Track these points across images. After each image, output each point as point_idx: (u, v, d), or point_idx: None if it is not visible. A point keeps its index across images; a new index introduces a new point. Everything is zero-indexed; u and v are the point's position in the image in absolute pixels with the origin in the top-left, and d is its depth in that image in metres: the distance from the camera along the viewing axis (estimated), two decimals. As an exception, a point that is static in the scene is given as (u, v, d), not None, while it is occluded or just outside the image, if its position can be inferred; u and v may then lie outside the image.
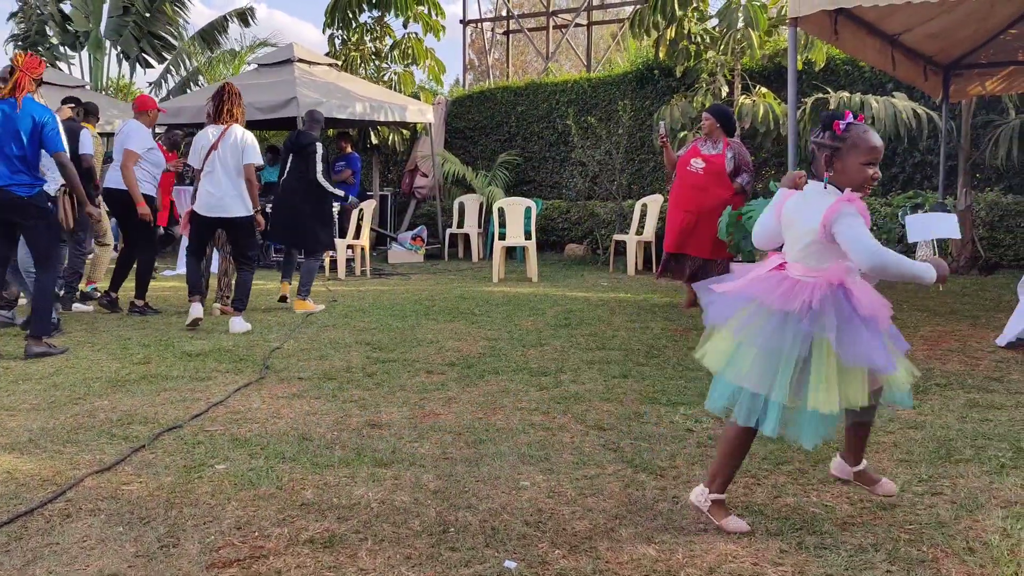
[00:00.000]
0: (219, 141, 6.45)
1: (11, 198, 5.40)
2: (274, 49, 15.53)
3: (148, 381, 4.72)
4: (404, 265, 12.03)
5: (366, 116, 11.89)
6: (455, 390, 4.47)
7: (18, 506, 2.87)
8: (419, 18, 14.34)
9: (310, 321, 6.81)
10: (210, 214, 6.49)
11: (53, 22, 18.37)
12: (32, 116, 5.41)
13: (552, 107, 13.96)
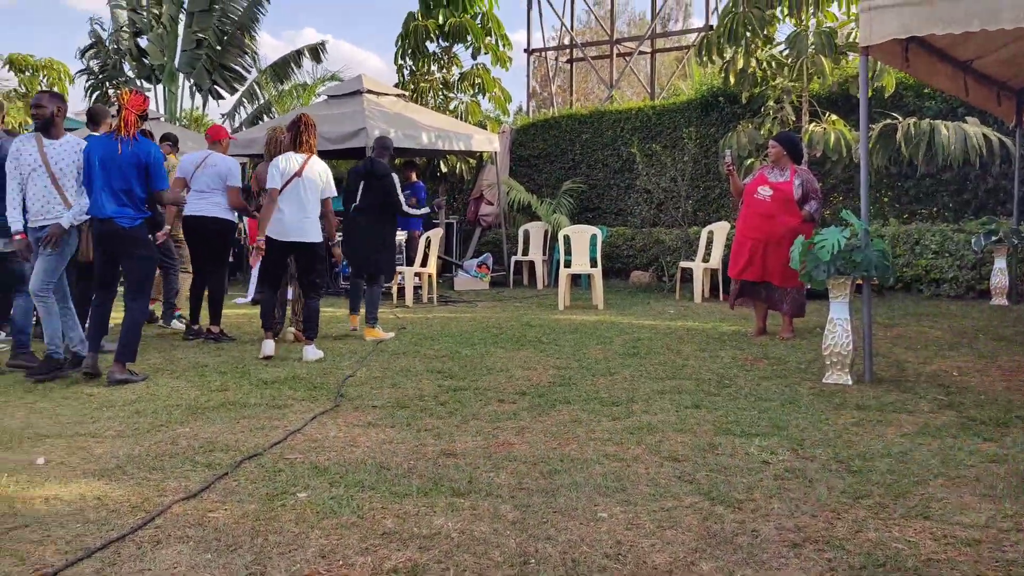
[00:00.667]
0: (303, 169, 6.61)
1: (115, 229, 5.64)
2: (343, 81, 15.88)
3: (227, 408, 4.84)
4: (470, 292, 12.12)
5: (433, 146, 12.07)
6: (527, 419, 4.48)
7: (110, 532, 2.96)
8: (488, 49, 14.56)
9: (381, 349, 6.91)
10: (285, 238, 6.61)
11: (130, 56, 19.12)
12: (139, 152, 5.66)
13: (616, 135, 13.98)
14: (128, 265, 5.80)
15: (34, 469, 3.68)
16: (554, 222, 12.88)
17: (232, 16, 18.90)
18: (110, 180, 5.64)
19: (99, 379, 5.65)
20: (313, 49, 19.25)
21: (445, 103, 14.91)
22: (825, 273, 5.42)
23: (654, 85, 19.15)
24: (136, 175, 5.67)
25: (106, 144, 5.71)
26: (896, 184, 11.17)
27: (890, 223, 10.50)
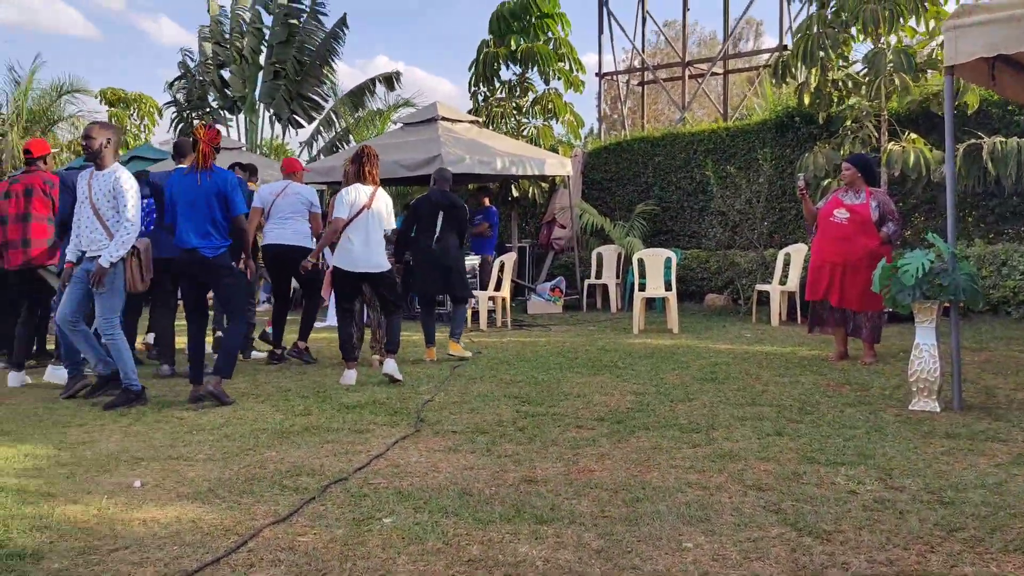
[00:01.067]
0: (372, 201, 6.77)
1: (201, 259, 5.88)
2: (417, 109, 16.17)
3: (311, 433, 4.95)
4: (543, 316, 12.15)
5: (507, 171, 12.18)
6: (607, 446, 4.48)
7: (205, 555, 3.06)
8: (560, 73, 14.67)
9: (458, 374, 6.98)
10: (355, 269, 6.76)
11: (214, 88, 19.83)
12: (218, 182, 5.89)
13: (690, 157, 13.90)
14: (218, 291, 6.04)
15: (131, 492, 3.82)
16: (627, 245, 12.85)
17: (310, 47, 19.45)
18: (192, 212, 5.87)
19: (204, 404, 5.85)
20: (388, 77, 19.66)
21: (518, 128, 15.05)
22: (911, 297, 5.29)
23: (727, 106, 19.00)
24: (217, 204, 5.89)
25: (186, 178, 5.97)
26: (981, 203, 10.83)
27: (975, 243, 10.18)
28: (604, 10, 18.47)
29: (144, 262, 5.92)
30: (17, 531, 3.28)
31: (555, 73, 14.62)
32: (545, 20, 14.75)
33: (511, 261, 11.02)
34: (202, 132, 5.97)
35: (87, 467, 4.23)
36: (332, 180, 12.17)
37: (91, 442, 4.77)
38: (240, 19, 19.61)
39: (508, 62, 14.72)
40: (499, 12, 14.90)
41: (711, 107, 29.23)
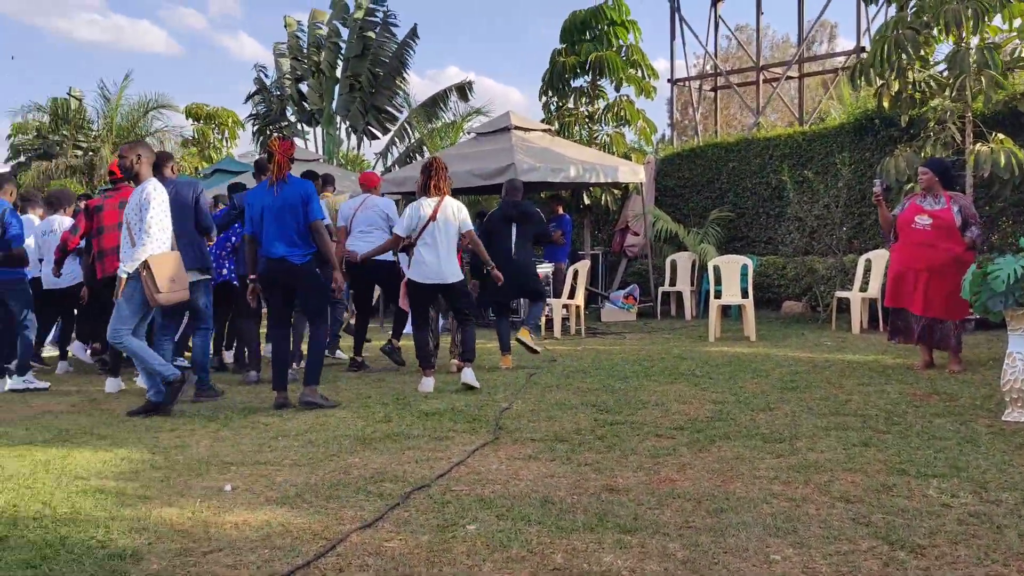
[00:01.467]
0: (436, 212, 6.83)
1: (289, 266, 6.05)
2: (490, 118, 16.30)
3: (392, 439, 5.02)
4: (617, 324, 12.10)
5: (580, 179, 12.19)
6: (687, 455, 4.44)
7: (295, 559, 3.13)
8: (631, 81, 14.63)
9: (534, 382, 7.00)
10: (428, 281, 6.85)
11: (292, 101, 20.32)
12: (297, 192, 6.05)
13: (765, 162, 13.68)
14: (304, 298, 6.19)
15: (223, 495, 3.94)
16: (702, 252, 12.71)
17: (383, 59, 19.78)
18: (275, 223, 6.04)
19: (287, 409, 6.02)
20: (460, 88, 19.87)
21: (590, 136, 15.05)
22: (1002, 304, 5.12)
23: (802, 110, 18.64)
24: (295, 214, 6.04)
25: (265, 191, 6.15)
26: (1075, 206, 10.41)
27: (1070, 248, 9.77)
28: (676, 16, 18.32)
29: (159, 276, 5.84)
30: (118, 532, 3.41)
31: (626, 80, 14.58)
32: (616, 28, 14.73)
33: (584, 269, 11.01)
34: (276, 144, 6.14)
35: (180, 471, 4.37)
36: (406, 191, 12.34)
37: (183, 446, 4.93)
38: (317, 34, 20.06)
39: (579, 70, 14.73)
40: (570, 21, 14.94)
41: (784, 111, 28.73)
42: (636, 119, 14.79)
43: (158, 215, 5.92)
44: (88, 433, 5.32)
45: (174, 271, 5.96)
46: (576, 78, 14.94)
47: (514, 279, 7.89)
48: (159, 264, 5.86)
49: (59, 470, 4.39)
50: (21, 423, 5.70)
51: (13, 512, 3.66)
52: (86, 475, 4.29)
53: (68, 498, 3.87)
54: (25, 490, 4.00)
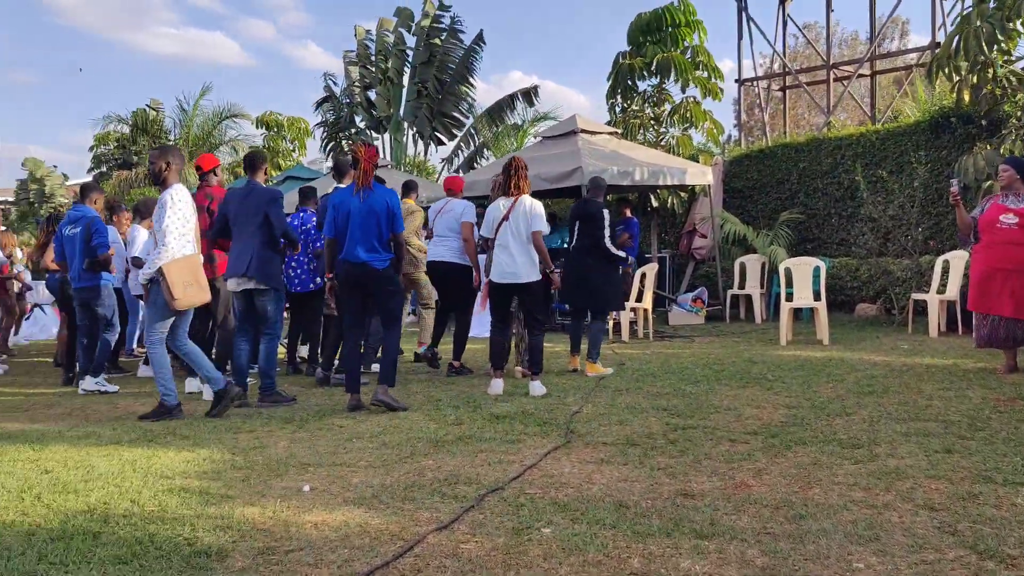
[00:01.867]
0: (510, 212, 6.85)
1: (369, 271, 6.14)
2: (556, 122, 16.32)
3: (464, 442, 5.06)
4: (685, 327, 11.99)
5: (647, 181, 12.11)
6: (763, 460, 4.38)
7: (374, 559, 3.18)
8: (697, 82, 14.49)
9: (603, 385, 6.98)
10: (504, 281, 6.90)
11: (361, 108, 20.64)
12: (382, 200, 6.15)
13: (836, 162, 13.41)
14: (381, 301, 6.27)
15: (302, 496, 4.02)
16: (772, 254, 12.52)
17: (450, 65, 19.96)
18: (358, 228, 6.12)
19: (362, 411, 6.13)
20: (526, 92, 19.94)
21: (657, 138, 14.95)
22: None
23: (874, 108, 18.23)
24: (377, 221, 6.12)
25: (349, 196, 6.22)
26: None
27: None
28: (743, 16, 18.09)
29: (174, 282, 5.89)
30: (203, 530, 3.51)
31: (692, 81, 14.44)
32: (682, 29, 14.61)
33: (652, 272, 10.93)
34: (362, 151, 6.21)
35: (260, 471, 4.48)
36: (472, 195, 12.41)
37: (261, 447, 5.05)
38: (385, 42, 20.34)
39: (645, 73, 14.65)
40: (636, 24, 14.88)
41: (855, 110, 28.11)
42: (703, 120, 14.65)
43: (174, 221, 5.94)
44: (171, 433, 5.49)
45: (190, 276, 5.99)
46: (642, 80, 14.85)
47: (572, 279, 7.83)
48: (175, 269, 5.90)
49: (145, 469, 4.53)
50: (108, 423, 5.90)
51: (104, 509, 3.80)
52: (171, 474, 4.43)
53: (155, 496, 4.00)
54: (114, 488, 4.14)
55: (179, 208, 5.99)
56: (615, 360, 8.46)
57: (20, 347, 11.50)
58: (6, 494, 4.07)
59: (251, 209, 6.55)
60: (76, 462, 4.72)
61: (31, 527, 3.56)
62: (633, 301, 10.76)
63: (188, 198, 6.12)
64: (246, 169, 6.77)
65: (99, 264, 7.50)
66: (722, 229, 13.55)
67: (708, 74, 14.75)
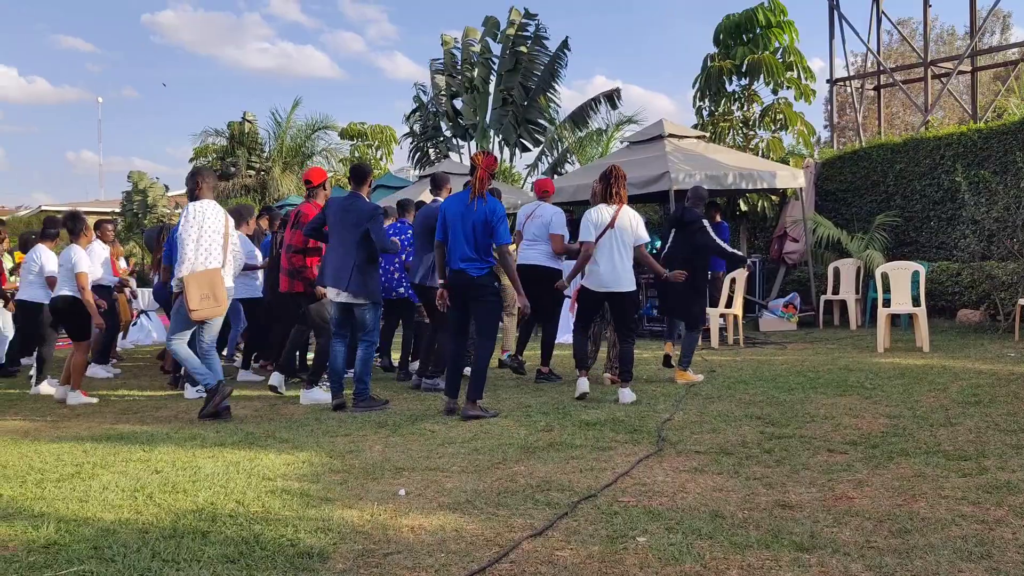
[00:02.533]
0: (615, 220, 6.83)
1: (467, 279, 6.21)
2: (642, 127, 16.21)
3: (555, 448, 5.08)
4: (776, 333, 11.74)
5: (736, 185, 11.93)
6: (863, 472, 4.26)
7: (471, 564, 3.22)
8: (790, 83, 14.20)
9: (694, 392, 6.90)
10: (601, 289, 6.87)
11: (447, 117, 20.90)
12: (487, 210, 6.19)
13: (936, 162, 12.94)
14: (477, 309, 6.31)
15: (398, 500, 4.10)
16: (867, 258, 12.16)
17: (535, 73, 20.04)
18: (462, 235, 6.20)
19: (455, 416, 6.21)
20: (609, 96, 19.86)
21: (746, 141, 14.70)
22: None
23: (975, 106, 17.53)
24: (484, 231, 6.18)
25: (461, 203, 6.28)
26: None
27: None
28: (835, 14, 17.65)
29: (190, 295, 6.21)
30: (304, 532, 3.61)
31: (784, 83, 14.16)
32: (772, 30, 14.34)
33: (742, 277, 10.75)
34: (480, 159, 6.28)
35: (356, 474, 4.58)
36: (561, 201, 12.43)
37: (357, 451, 5.16)
38: (471, 50, 20.55)
39: (734, 75, 14.42)
40: (723, 25, 14.67)
41: (953, 108, 27.08)
42: (794, 122, 14.34)
43: (185, 236, 6.32)
44: (271, 436, 5.66)
45: (208, 288, 6.26)
46: (730, 82, 14.63)
47: (667, 291, 7.78)
48: (192, 283, 6.24)
49: (248, 471, 4.69)
50: (212, 426, 6.12)
51: (212, 510, 3.95)
52: (272, 476, 4.57)
53: (259, 498, 4.14)
54: (220, 489, 4.30)
55: (192, 221, 6.32)
56: (705, 367, 8.35)
57: (126, 351, 12.03)
58: (121, 493, 4.26)
59: (352, 222, 6.64)
60: (184, 463, 4.91)
61: (144, 525, 3.73)
62: (723, 307, 10.60)
63: (212, 212, 6.42)
64: (351, 181, 6.90)
65: None
66: (814, 233, 13.22)
67: (800, 75, 14.43)
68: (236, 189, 22.31)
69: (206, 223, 6.36)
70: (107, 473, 4.72)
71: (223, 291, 6.38)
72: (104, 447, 5.42)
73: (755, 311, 12.96)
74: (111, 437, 5.77)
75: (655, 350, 9.31)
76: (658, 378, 7.84)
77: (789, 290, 13.50)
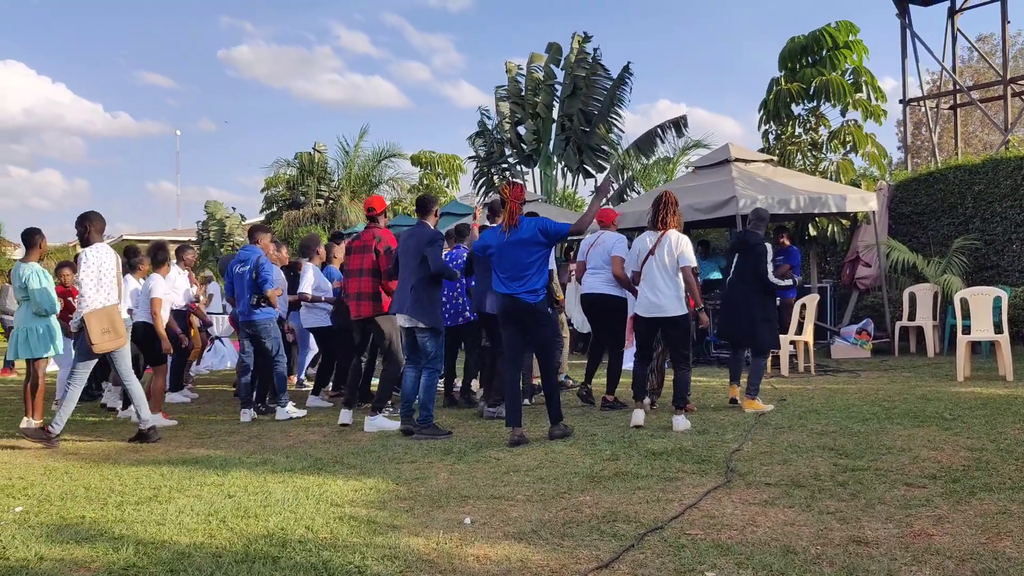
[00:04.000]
0: (656, 247, 6.82)
1: (521, 305, 6.28)
2: (708, 151, 16.08)
3: (621, 478, 5.02)
4: (849, 361, 11.45)
5: (804, 210, 11.73)
6: (944, 507, 4.11)
7: (537, 593, 3.20)
8: (858, 104, 13.93)
9: (764, 422, 6.76)
10: (649, 314, 6.86)
11: (510, 144, 21.04)
12: (529, 229, 6.29)
13: (1017, 183, 12.53)
14: (533, 334, 6.38)
15: (463, 528, 4.10)
16: (945, 283, 11.80)
17: (596, 99, 20.06)
18: (505, 264, 6.32)
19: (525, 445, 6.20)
20: (676, 123, 19.77)
21: (814, 164, 14.45)
22: None
23: (1059, 124, 16.94)
24: (526, 255, 6.25)
25: (492, 236, 6.48)
26: None
27: None
28: (907, 32, 17.29)
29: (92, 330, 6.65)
30: (372, 559, 3.64)
31: (854, 104, 13.89)
32: (840, 51, 14.11)
33: (813, 303, 10.53)
34: (507, 191, 6.39)
35: (422, 502, 4.60)
36: (623, 227, 12.38)
37: (423, 478, 5.18)
38: (534, 77, 20.69)
39: (802, 98, 14.21)
40: (790, 48, 14.49)
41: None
42: (865, 144, 14.04)
43: (87, 276, 6.69)
44: (339, 462, 5.73)
45: (108, 323, 6.71)
46: (796, 105, 14.42)
47: (727, 312, 7.72)
48: (92, 319, 6.67)
49: (317, 497, 4.75)
50: (282, 451, 6.23)
51: (282, 535, 4.01)
52: (340, 502, 4.62)
53: (327, 524, 4.19)
54: (290, 514, 4.36)
55: (91, 264, 6.72)
56: (775, 396, 8.18)
57: (200, 376, 12.33)
58: (195, 517, 4.36)
59: (412, 249, 6.83)
60: (255, 488, 5.01)
61: (217, 549, 3.80)
62: (793, 334, 10.39)
63: (104, 255, 6.84)
64: (417, 212, 7.06)
65: (266, 300, 7.96)
66: (888, 258, 12.89)
67: (869, 95, 14.14)
68: (306, 218, 22.80)
69: (103, 266, 6.82)
70: (183, 497, 4.84)
71: (121, 325, 6.85)
72: (180, 471, 5.56)
73: (826, 338, 12.66)
74: (187, 461, 5.92)
75: (723, 377, 9.15)
76: (726, 406, 7.71)
77: (862, 316, 13.17)
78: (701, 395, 8.34)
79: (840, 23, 14.18)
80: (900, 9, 17.35)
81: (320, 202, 24.45)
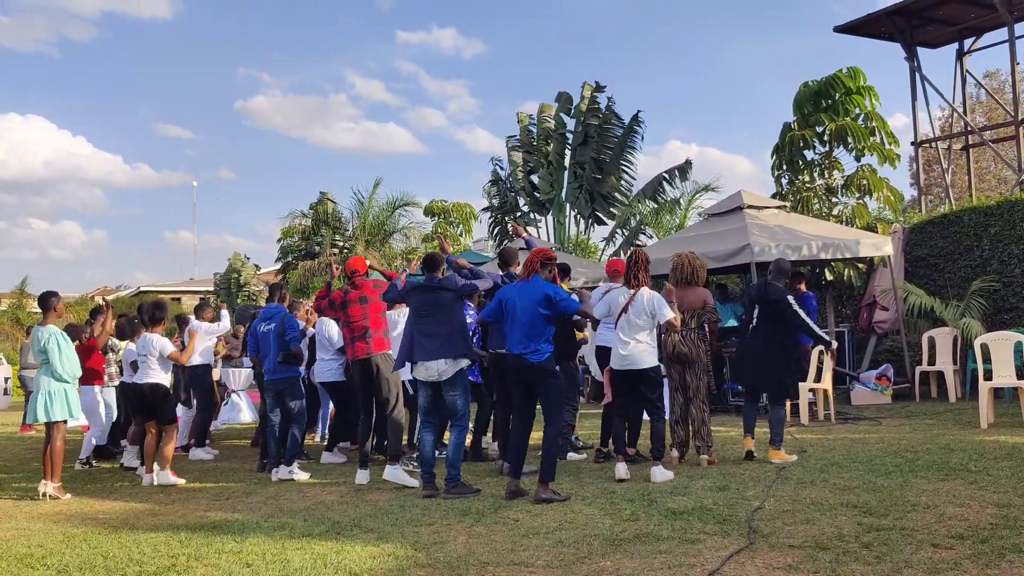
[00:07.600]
0: (629, 304, 7.01)
1: (525, 364, 6.35)
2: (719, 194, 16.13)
3: (641, 541, 4.96)
4: (870, 407, 11.32)
5: (818, 256, 11.70)
6: (973, 571, 4.04)
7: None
8: (872, 149, 13.96)
9: (785, 476, 6.68)
10: (622, 367, 7.06)
11: (524, 192, 21.19)
12: (539, 291, 6.37)
13: (1034, 225, 12.46)
14: (542, 392, 6.43)
15: (483, 597, 4.05)
16: (964, 327, 11.69)
17: (607, 146, 20.23)
18: (516, 322, 6.41)
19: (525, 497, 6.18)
20: (681, 168, 19.89)
21: (828, 209, 14.44)
22: None
23: (1073, 163, 16.88)
24: (539, 312, 6.34)
25: (513, 290, 6.59)
26: None
27: None
28: (916, 76, 17.39)
29: None
30: (391, 634, 3.60)
31: (868, 149, 13.92)
32: (852, 97, 14.18)
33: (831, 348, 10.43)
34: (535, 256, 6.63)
35: (441, 569, 4.56)
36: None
37: (441, 543, 5.13)
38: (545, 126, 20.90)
39: (815, 142, 14.26)
40: (802, 93, 14.58)
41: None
42: (880, 188, 14.04)
43: None
44: (356, 526, 5.69)
45: None
46: (809, 150, 14.47)
47: (748, 362, 7.71)
48: None
49: (336, 565, 4.71)
50: (299, 514, 6.19)
51: (300, 609, 3.97)
52: (359, 571, 4.58)
53: (345, 596, 4.14)
54: (308, 586, 4.33)
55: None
56: (795, 446, 8.09)
57: (218, 431, 12.31)
58: (212, 589, 4.33)
59: (445, 301, 6.85)
60: (273, 555, 4.97)
61: (235, 625, 3.77)
62: (811, 381, 10.30)
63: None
64: (424, 270, 7.07)
65: (293, 357, 7.99)
66: (906, 301, 12.81)
67: (881, 139, 14.18)
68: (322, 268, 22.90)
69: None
70: (201, 566, 4.81)
71: None
72: (198, 537, 5.53)
73: (846, 383, 12.54)
74: (204, 526, 5.89)
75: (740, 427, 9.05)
76: (745, 460, 7.61)
77: (881, 361, 13.05)
78: (721, 446, 8.25)
79: (850, 69, 14.28)
80: (908, 52, 17.48)
81: (335, 252, 24.60)
